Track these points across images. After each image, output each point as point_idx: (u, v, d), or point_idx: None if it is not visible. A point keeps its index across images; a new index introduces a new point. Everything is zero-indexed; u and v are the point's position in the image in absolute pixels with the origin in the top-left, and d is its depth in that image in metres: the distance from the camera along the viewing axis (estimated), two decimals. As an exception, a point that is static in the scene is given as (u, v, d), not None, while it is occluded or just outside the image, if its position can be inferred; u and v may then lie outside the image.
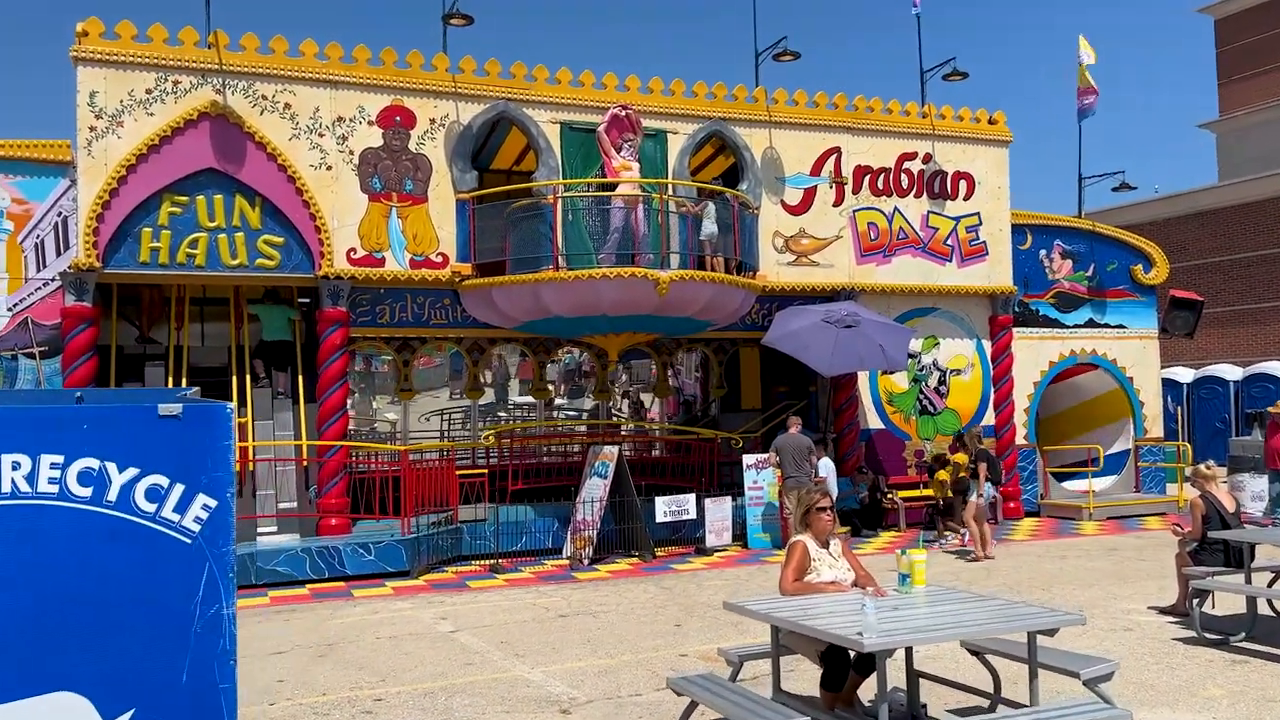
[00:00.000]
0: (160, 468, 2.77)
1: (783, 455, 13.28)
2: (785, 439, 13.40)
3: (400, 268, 13.00)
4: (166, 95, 11.96)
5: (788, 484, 13.25)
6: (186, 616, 2.88)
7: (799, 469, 13.13)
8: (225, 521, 2.91)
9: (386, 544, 11.97)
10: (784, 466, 13.24)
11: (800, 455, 13.21)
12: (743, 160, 14.86)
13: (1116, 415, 17.83)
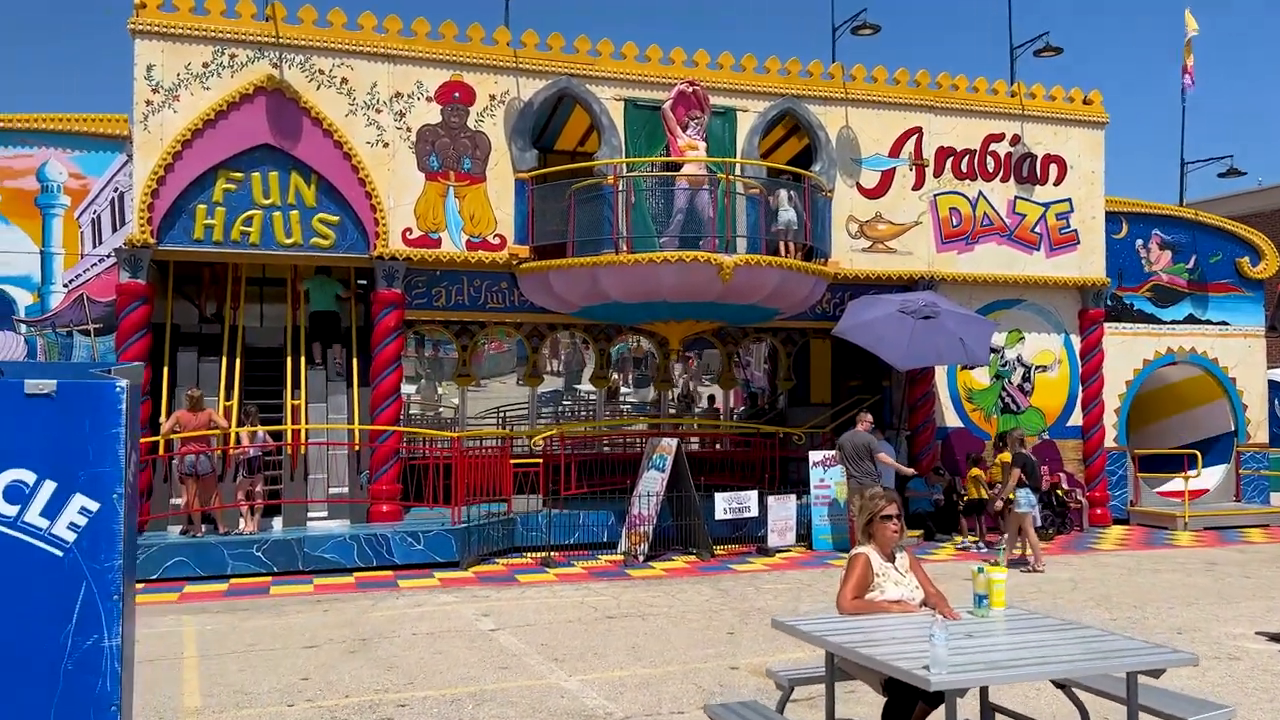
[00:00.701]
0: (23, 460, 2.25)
1: (843, 452, 12.55)
2: (847, 436, 12.66)
3: (457, 249, 12.60)
4: (223, 69, 11.74)
5: (850, 484, 12.53)
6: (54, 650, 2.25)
7: (858, 467, 12.39)
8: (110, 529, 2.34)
9: (436, 533, 11.60)
10: (845, 464, 12.51)
11: (860, 453, 12.46)
12: (816, 140, 14.10)
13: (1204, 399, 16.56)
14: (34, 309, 11.41)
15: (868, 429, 12.75)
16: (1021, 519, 11.61)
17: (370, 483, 12.33)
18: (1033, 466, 11.77)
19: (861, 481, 12.33)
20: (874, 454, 12.39)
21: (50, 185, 11.45)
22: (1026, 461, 11.75)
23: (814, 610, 9.23)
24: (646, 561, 12.07)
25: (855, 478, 12.34)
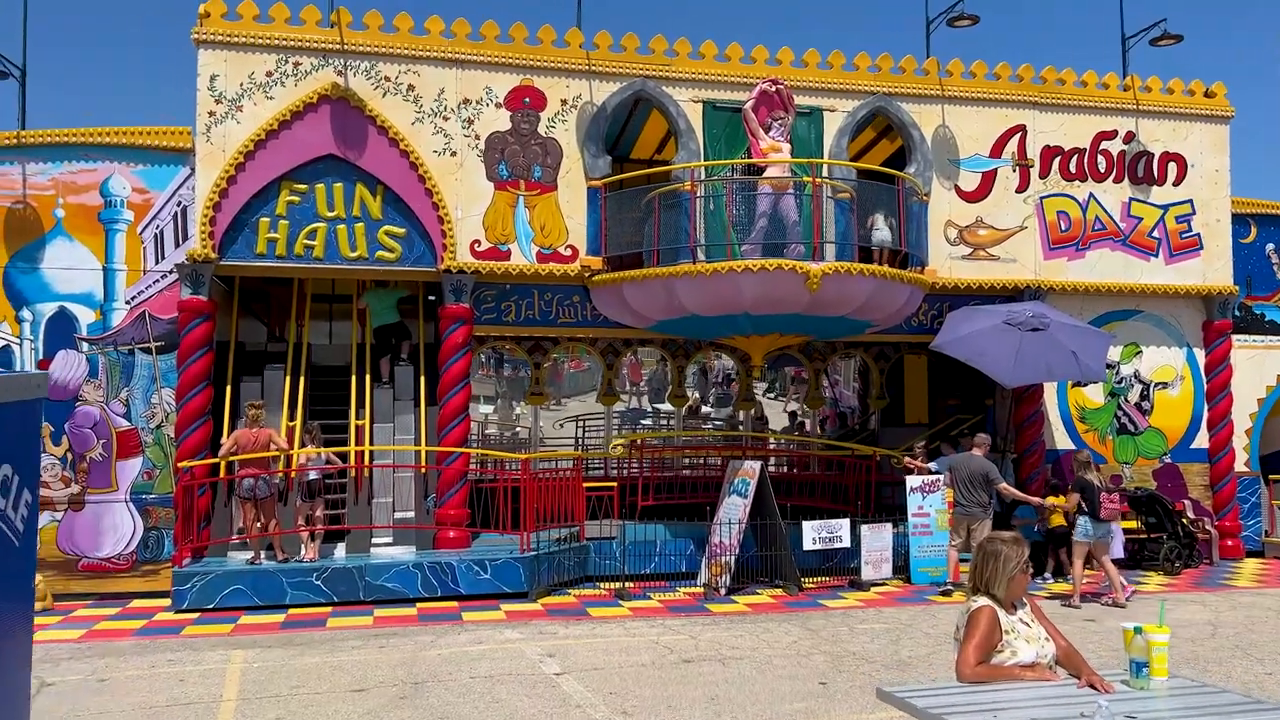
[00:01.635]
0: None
1: (954, 477, 11.46)
2: (962, 459, 11.55)
3: (527, 261, 11.97)
4: (287, 78, 11.36)
5: (955, 512, 11.45)
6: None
7: (970, 496, 11.29)
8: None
9: (503, 562, 10.92)
10: (955, 492, 11.43)
11: (976, 480, 11.34)
12: (910, 140, 13.11)
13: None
14: (96, 327, 11.14)
15: (984, 453, 11.63)
16: (1082, 549, 10.59)
17: (437, 507, 11.73)
18: (1092, 492, 10.72)
19: (970, 512, 11.25)
20: (991, 483, 11.28)
21: (114, 200, 11.20)
22: (1086, 486, 10.69)
23: (918, 656, 8.23)
24: (728, 595, 11.18)
25: (964, 507, 11.25)
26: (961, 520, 11.33)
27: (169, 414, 11.21)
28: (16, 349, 10.98)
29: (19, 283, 11.01)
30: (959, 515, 11.35)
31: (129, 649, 8.61)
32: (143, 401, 11.23)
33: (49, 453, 10.95)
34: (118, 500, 11.07)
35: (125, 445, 11.14)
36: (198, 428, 11.01)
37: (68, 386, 11.05)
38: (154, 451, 11.21)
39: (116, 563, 11.04)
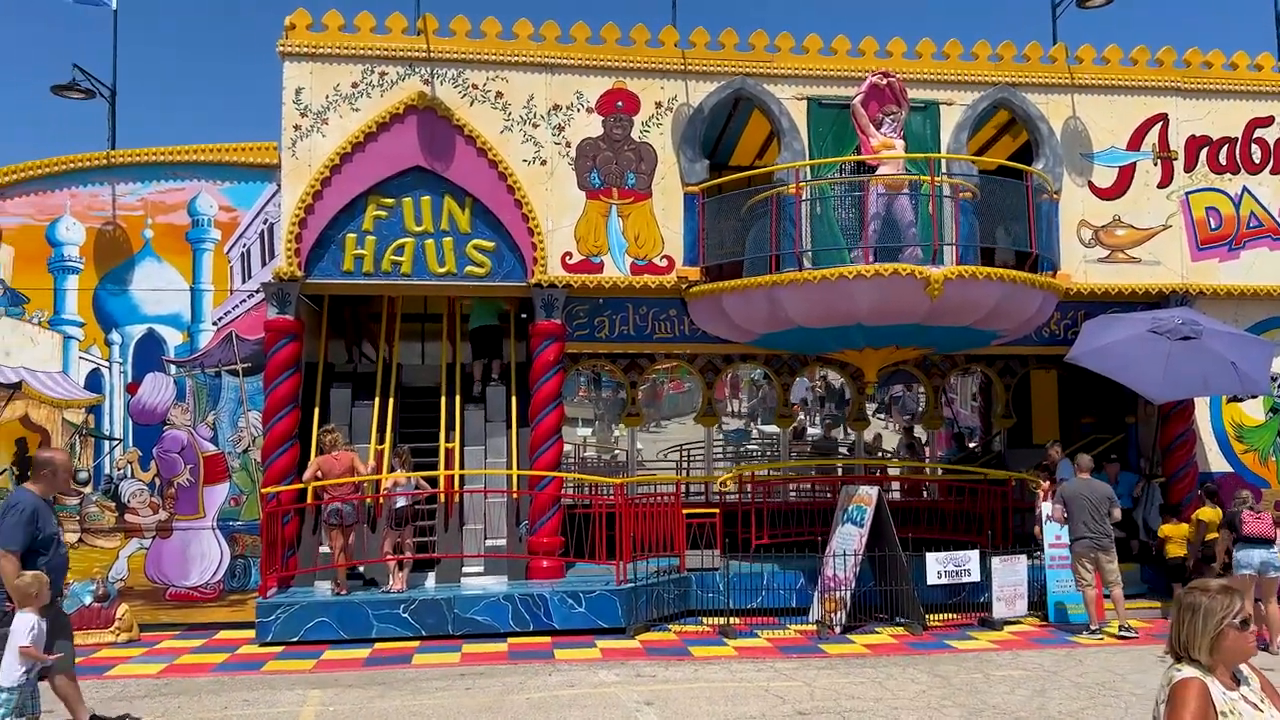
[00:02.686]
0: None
1: (1073, 507, 10.24)
2: (1080, 486, 10.34)
3: (620, 273, 11.29)
4: (372, 88, 10.98)
5: (1077, 546, 10.20)
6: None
7: (1098, 527, 10.07)
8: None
9: (599, 594, 10.19)
10: (1074, 522, 10.22)
11: (1102, 506, 10.15)
12: (1037, 134, 11.98)
13: None
14: (183, 349, 10.91)
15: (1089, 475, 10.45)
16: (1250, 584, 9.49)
17: (529, 534, 11.09)
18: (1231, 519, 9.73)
19: (1099, 543, 10.07)
20: (1115, 507, 10.09)
21: (201, 219, 10.98)
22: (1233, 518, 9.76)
23: (1069, 713, 7.14)
24: (844, 633, 10.20)
25: (1090, 539, 10.05)
26: (1087, 553, 10.11)
27: (256, 438, 10.88)
28: (106, 372, 10.81)
29: (109, 304, 10.86)
30: (1084, 548, 10.14)
31: (206, 687, 8.16)
32: (229, 425, 10.93)
33: (137, 479, 10.72)
34: (205, 527, 10.77)
35: (212, 470, 10.84)
36: (284, 452, 10.63)
37: (156, 411, 10.83)
38: (241, 477, 10.88)
39: (204, 592, 10.71)
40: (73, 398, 10.74)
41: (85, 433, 10.73)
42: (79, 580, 10.19)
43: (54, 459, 6.46)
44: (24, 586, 5.95)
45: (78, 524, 10.61)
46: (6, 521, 6.08)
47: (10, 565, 5.99)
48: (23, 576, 5.97)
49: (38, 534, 6.16)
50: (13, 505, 6.18)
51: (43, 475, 6.39)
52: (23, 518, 6.11)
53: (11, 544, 6.04)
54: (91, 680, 8.37)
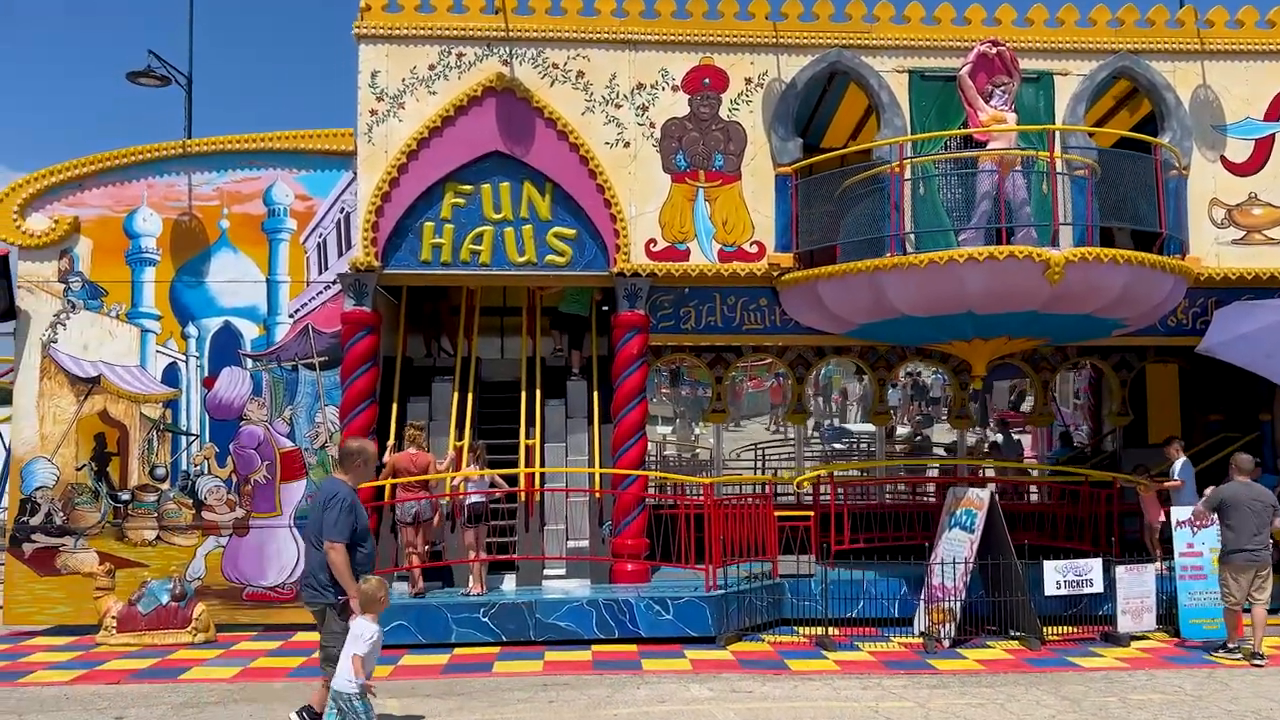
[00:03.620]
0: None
1: (1234, 515, 9.16)
2: (1239, 491, 9.26)
3: (707, 260, 10.67)
4: (450, 70, 10.56)
5: (1234, 559, 9.10)
6: None
7: (1259, 539, 9.02)
8: None
9: (687, 600, 9.59)
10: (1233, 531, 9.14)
11: (1263, 516, 9.10)
12: (1163, 105, 11.00)
13: None
14: (260, 342, 10.64)
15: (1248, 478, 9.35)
16: None
17: (613, 535, 10.55)
18: None
19: (1258, 557, 8.99)
20: (1277, 516, 9.06)
21: (277, 209, 10.69)
22: None
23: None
24: (952, 647, 9.41)
25: (1249, 552, 8.97)
26: (1246, 570, 9.03)
27: (333, 433, 10.55)
28: (183, 366, 10.60)
29: (185, 297, 10.65)
30: (1244, 562, 9.04)
31: (279, 693, 7.79)
32: (306, 421, 10.62)
33: (214, 475, 10.48)
34: (281, 525, 10.48)
35: (289, 467, 10.55)
36: (362, 448, 10.26)
37: (233, 405, 10.58)
38: (318, 474, 10.56)
39: (281, 592, 10.42)
40: (150, 392, 10.55)
41: (162, 428, 10.54)
42: (157, 578, 9.98)
43: (365, 448, 6.40)
44: (371, 591, 5.89)
45: (155, 521, 10.42)
46: (330, 513, 6.00)
47: (341, 557, 5.94)
48: (369, 581, 5.94)
49: (356, 525, 6.09)
50: (333, 496, 6.08)
51: (355, 465, 6.30)
52: (345, 507, 6.04)
53: (340, 535, 5.97)
54: (165, 684, 8.10)
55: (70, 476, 10.40)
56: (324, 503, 6.10)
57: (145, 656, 9.09)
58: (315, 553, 6.12)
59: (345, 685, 5.77)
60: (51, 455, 10.39)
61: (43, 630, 10.30)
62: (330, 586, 6.04)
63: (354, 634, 5.82)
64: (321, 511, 6.07)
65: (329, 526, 5.99)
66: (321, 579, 6.07)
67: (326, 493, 6.20)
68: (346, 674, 5.78)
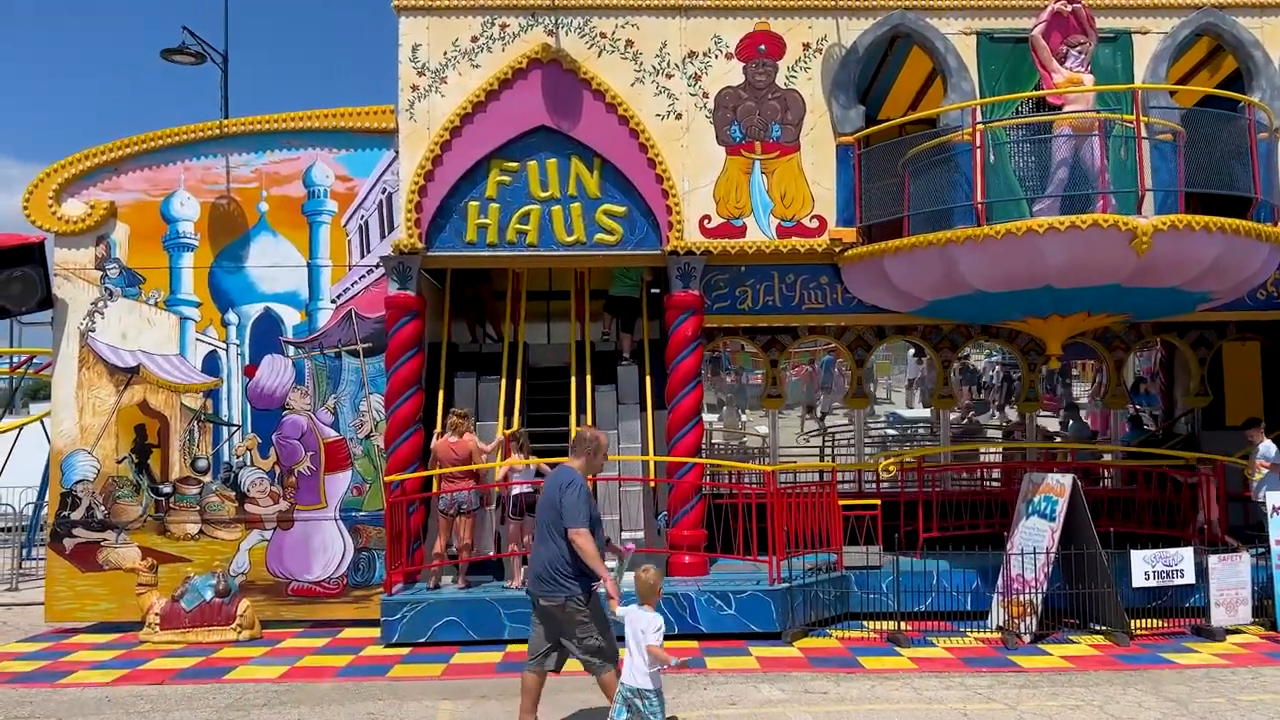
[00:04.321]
0: None
1: None
2: None
3: (765, 236, 10.15)
4: (493, 42, 10.12)
5: None
6: None
7: None
8: None
9: (750, 594, 9.13)
10: None
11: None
12: (1250, 63, 10.29)
13: None
14: (301, 329, 10.28)
15: None
16: None
17: (669, 526, 10.09)
18: None
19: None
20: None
21: (317, 190, 10.32)
22: None
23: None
24: (1033, 643, 8.86)
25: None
26: None
27: (378, 422, 10.18)
28: (223, 354, 10.28)
29: (224, 283, 10.31)
30: None
31: (327, 694, 7.43)
32: (351, 409, 10.26)
33: (256, 466, 10.15)
34: (327, 518, 10.13)
35: (334, 457, 10.19)
36: (408, 437, 9.90)
37: (275, 394, 10.24)
38: (363, 464, 10.20)
39: (327, 586, 10.08)
40: (190, 381, 10.25)
41: (203, 418, 10.23)
42: (200, 574, 9.68)
43: (599, 437, 6.27)
44: (651, 581, 5.73)
45: (197, 514, 10.12)
46: (569, 498, 5.84)
47: (590, 544, 5.79)
48: (648, 570, 5.78)
49: (592, 512, 5.97)
50: (570, 482, 5.92)
51: (587, 452, 6.14)
52: (584, 494, 5.91)
53: (584, 521, 5.82)
54: (209, 685, 7.77)
55: (111, 469, 10.13)
56: (559, 491, 5.88)
57: (189, 655, 8.79)
58: (551, 545, 5.89)
59: (643, 680, 5.54)
60: (91, 448, 10.12)
61: (86, 627, 10.05)
62: (576, 578, 5.85)
63: (640, 627, 5.57)
64: (558, 500, 5.85)
65: (571, 514, 5.80)
66: (564, 571, 5.84)
67: (561, 480, 5.96)
68: (643, 668, 5.54)
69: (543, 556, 5.94)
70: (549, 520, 5.92)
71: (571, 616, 5.91)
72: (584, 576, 5.88)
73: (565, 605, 5.89)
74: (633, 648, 5.59)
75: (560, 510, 5.84)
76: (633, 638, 5.59)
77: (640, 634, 5.56)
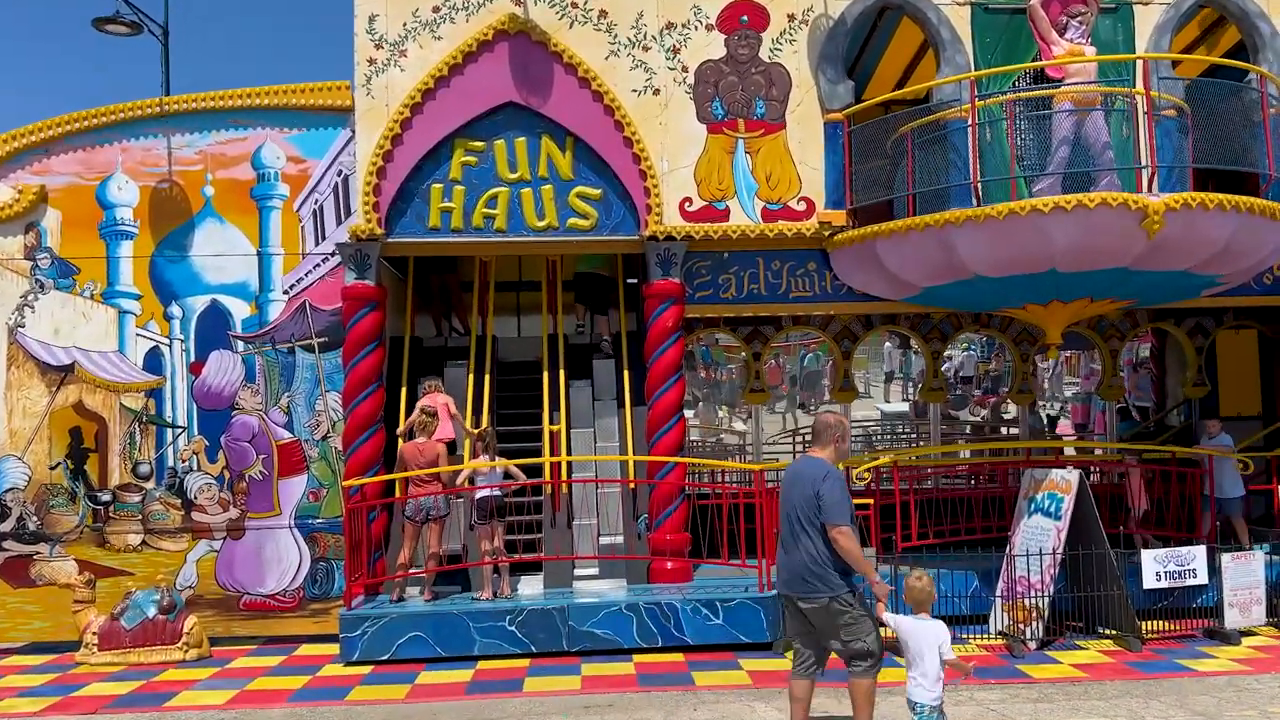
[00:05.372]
0: None
1: None
2: None
3: (749, 220, 9.54)
4: (456, 12, 9.42)
5: None
6: None
7: None
8: None
9: (739, 602, 8.52)
10: None
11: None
12: (1255, 34, 9.81)
13: None
14: (251, 322, 9.53)
15: None
16: None
17: (650, 530, 9.46)
18: None
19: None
20: None
21: (267, 173, 9.57)
22: None
23: None
24: (1040, 649, 8.33)
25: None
26: None
27: (336, 422, 9.46)
28: (166, 350, 9.50)
29: (167, 273, 9.53)
30: None
31: (278, 723, 6.73)
32: (306, 409, 9.53)
33: (204, 471, 9.40)
34: (281, 526, 9.40)
35: (288, 461, 9.46)
36: (368, 438, 9.19)
37: (223, 393, 9.48)
38: (320, 467, 9.48)
39: (282, 600, 9.35)
40: (131, 380, 9.46)
41: (145, 420, 9.45)
42: (142, 588, 8.91)
43: (842, 421, 5.78)
44: (926, 587, 5.43)
45: (140, 524, 9.34)
46: (830, 492, 5.37)
47: (854, 543, 5.37)
48: (921, 577, 5.46)
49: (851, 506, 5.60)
50: (828, 474, 5.45)
51: (834, 439, 5.64)
52: (844, 486, 5.49)
53: (847, 518, 5.39)
54: (149, 712, 7.04)
55: (44, 476, 9.33)
56: (816, 484, 5.39)
57: (129, 678, 8.03)
58: (808, 542, 5.41)
59: (929, 696, 5.19)
60: (22, 453, 9.31)
61: (19, 648, 9.25)
62: (841, 574, 5.41)
63: (928, 637, 5.21)
64: (816, 494, 5.37)
65: (833, 509, 5.34)
66: (826, 568, 5.38)
67: (814, 473, 5.45)
68: (930, 681, 5.19)
69: (797, 557, 5.46)
70: (803, 516, 5.43)
71: (838, 616, 5.42)
72: (847, 574, 5.44)
73: (830, 605, 5.41)
74: (915, 658, 5.24)
75: (820, 504, 5.36)
76: (920, 648, 5.23)
77: (930, 644, 5.20)
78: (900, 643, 5.37)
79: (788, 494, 5.61)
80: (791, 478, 5.67)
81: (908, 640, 5.31)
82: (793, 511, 5.51)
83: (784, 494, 5.67)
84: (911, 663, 5.28)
